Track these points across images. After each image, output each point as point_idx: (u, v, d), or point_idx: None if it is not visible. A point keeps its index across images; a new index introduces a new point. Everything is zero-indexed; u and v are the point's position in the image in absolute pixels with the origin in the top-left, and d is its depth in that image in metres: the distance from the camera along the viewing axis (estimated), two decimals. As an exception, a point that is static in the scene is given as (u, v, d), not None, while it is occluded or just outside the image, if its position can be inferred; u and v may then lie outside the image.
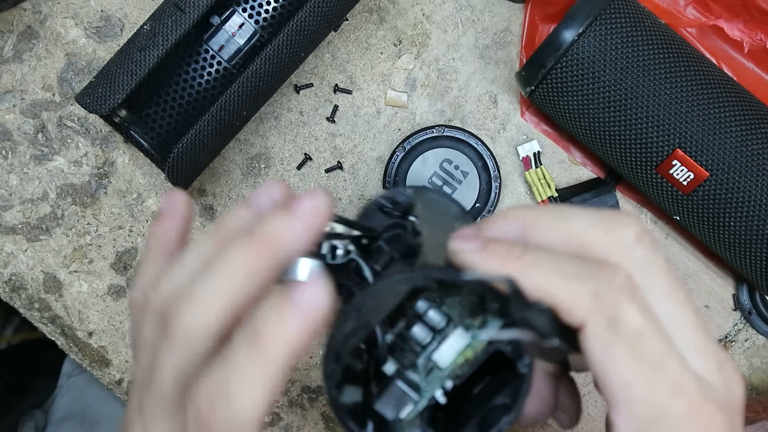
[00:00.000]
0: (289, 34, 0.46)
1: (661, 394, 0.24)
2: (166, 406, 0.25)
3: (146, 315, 0.26)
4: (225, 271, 0.25)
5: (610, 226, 0.26)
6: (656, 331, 0.24)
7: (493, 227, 0.28)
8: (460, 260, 0.26)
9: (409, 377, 0.31)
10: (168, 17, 0.45)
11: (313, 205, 0.26)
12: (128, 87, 0.44)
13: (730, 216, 0.47)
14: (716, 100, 0.47)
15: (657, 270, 0.26)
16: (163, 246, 0.30)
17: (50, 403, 0.86)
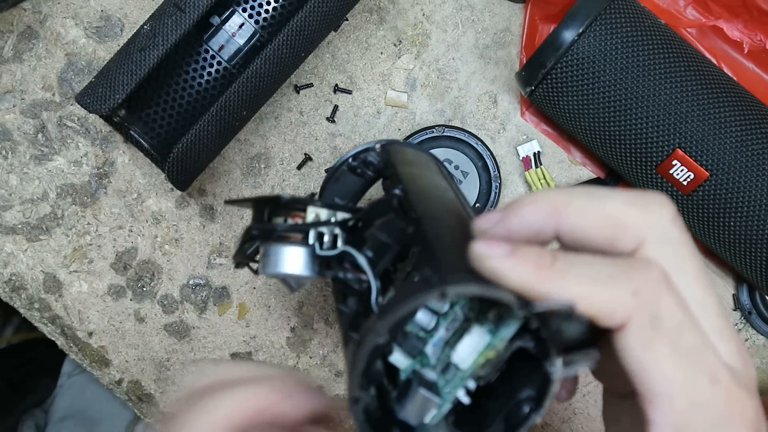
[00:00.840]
0: (289, 34, 0.46)
1: (701, 386, 0.24)
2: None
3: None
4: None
5: (646, 206, 0.25)
6: (693, 323, 0.24)
7: (521, 213, 0.26)
8: (487, 267, 0.25)
9: (426, 377, 0.30)
10: (168, 17, 0.45)
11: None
12: (128, 87, 0.44)
13: (730, 216, 0.47)
14: (716, 100, 0.47)
15: (689, 252, 0.26)
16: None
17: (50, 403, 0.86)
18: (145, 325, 0.56)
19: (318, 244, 0.34)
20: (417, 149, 0.45)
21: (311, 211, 0.34)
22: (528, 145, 0.55)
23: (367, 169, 0.43)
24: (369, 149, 0.43)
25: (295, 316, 0.56)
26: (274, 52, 0.46)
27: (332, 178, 0.44)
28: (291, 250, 0.34)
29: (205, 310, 0.56)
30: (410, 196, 0.35)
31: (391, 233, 0.34)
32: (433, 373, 0.31)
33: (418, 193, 0.36)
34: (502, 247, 0.25)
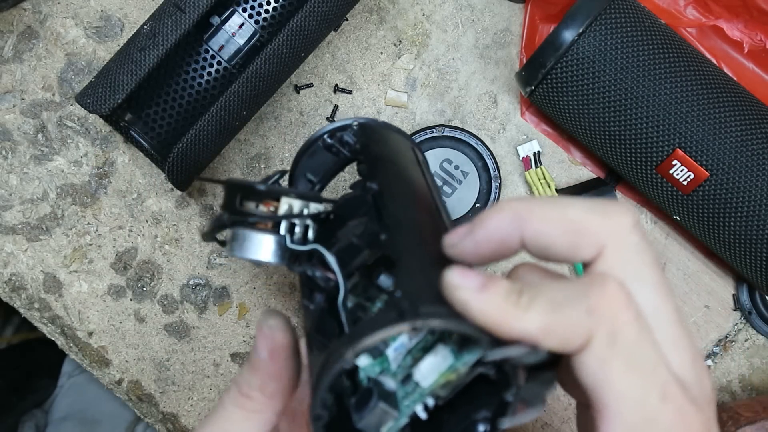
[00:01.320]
0: (289, 34, 0.46)
1: (651, 402, 0.24)
2: None
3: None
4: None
5: (607, 213, 0.26)
6: (649, 337, 0.24)
7: (486, 224, 0.27)
8: (456, 298, 0.26)
9: (385, 386, 0.30)
10: (168, 17, 0.45)
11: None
12: (128, 87, 0.44)
13: (730, 216, 0.47)
14: (716, 100, 0.47)
15: (649, 259, 0.26)
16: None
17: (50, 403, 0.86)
18: (145, 325, 0.56)
19: (289, 235, 0.34)
20: (395, 132, 0.44)
21: (284, 201, 0.34)
22: (528, 145, 0.55)
23: (343, 148, 0.43)
24: (346, 127, 0.42)
25: (295, 316, 0.56)
26: (274, 52, 0.46)
27: (307, 153, 0.43)
28: (261, 237, 0.34)
29: (205, 310, 0.56)
30: (385, 197, 0.35)
31: (364, 236, 0.33)
32: (392, 382, 0.30)
33: (394, 194, 0.36)
34: (474, 279, 0.25)
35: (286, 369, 0.33)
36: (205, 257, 0.55)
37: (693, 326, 0.56)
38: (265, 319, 0.33)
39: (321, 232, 0.35)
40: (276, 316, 0.33)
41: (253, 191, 0.34)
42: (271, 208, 0.34)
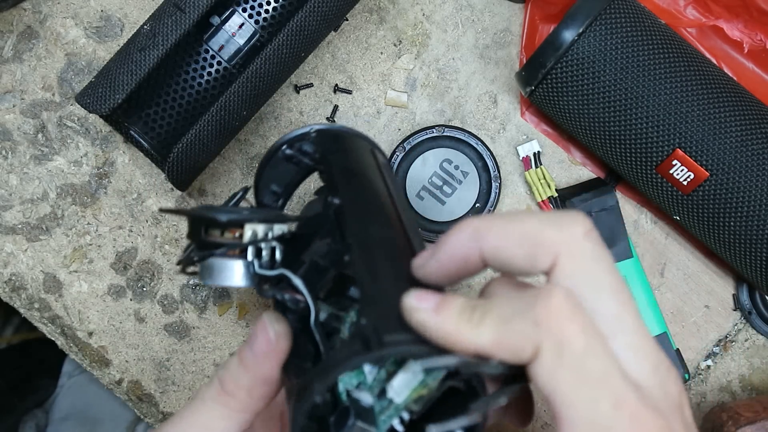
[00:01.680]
0: (289, 34, 0.46)
1: (603, 410, 0.24)
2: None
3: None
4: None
5: (560, 224, 0.27)
6: (599, 346, 0.25)
7: (448, 242, 0.28)
8: (415, 320, 0.27)
9: (362, 402, 0.31)
10: (168, 17, 0.45)
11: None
12: (128, 87, 0.44)
13: (730, 216, 0.47)
14: (716, 99, 0.47)
15: (605, 266, 0.26)
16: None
17: (51, 403, 0.86)
18: (145, 325, 0.56)
19: (256, 260, 0.34)
20: (354, 136, 0.44)
21: (248, 227, 0.34)
22: (528, 145, 0.55)
23: (304, 158, 0.43)
24: (304, 136, 0.42)
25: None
26: (274, 52, 0.46)
27: (267, 165, 0.43)
28: (230, 264, 0.34)
29: (205, 310, 0.56)
30: (347, 213, 0.35)
31: (328, 256, 0.34)
32: (368, 397, 0.31)
33: (356, 210, 0.36)
34: (430, 301, 0.27)
35: (277, 374, 0.33)
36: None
37: (693, 326, 0.56)
38: (270, 321, 0.33)
39: (287, 252, 0.36)
40: (280, 320, 0.33)
41: (215, 223, 0.34)
42: (236, 234, 0.34)
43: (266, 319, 0.33)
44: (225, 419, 0.33)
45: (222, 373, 0.33)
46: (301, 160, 0.43)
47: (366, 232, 0.35)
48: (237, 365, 0.33)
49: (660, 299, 0.55)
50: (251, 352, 0.33)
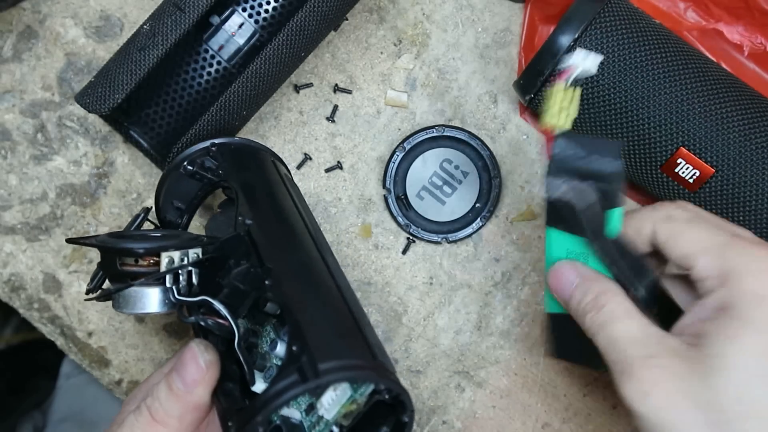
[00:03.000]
0: (289, 33, 0.46)
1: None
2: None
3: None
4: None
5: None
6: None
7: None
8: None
9: (292, 419, 0.33)
10: (168, 17, 0.44)
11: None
12: (128, 87, 0.44)
13: (738, 211, 0.47)
14: (717, 95, 0.47)
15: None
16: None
17: (49, 404, 0.85)
18: (145, 325, 0.56)
19: (174, 286, 0.35)
20: (254, 148, 0.45)
21: (164, 255, 0.35)
22: (584, 55, 0.42)
23: (207, 173, 0.43)
24: (204, 151, 0.43)
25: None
26: (274, 52, 0.46)
27: (167, 181, 0.43)
28: (147, 291, 0.35)
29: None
30: (261, 234, 0.36)
31: (248, 281, 0.35)
32: (297, 413, 0.33)
33: (268, 230, 0.37)
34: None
35: (208, 400, 0.33)
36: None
37: (693, 326, 0.56)
38: (200, 350, 0.33)
39: (203, 275, 0.36)
40: (209, 348, 0.34)
41: (132, 254, 0.34)
42: (151, 261, 0.35)
43: (195, 348, 0.33)
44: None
45: (151, 402, 0.33)
46: (204, 176, 0.43)
47: (283, 254, 0.36)
48: (167, 394, 0.33)
49: (660, 299, 0.55)
50: (182, 381, 0.33)
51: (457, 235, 0.54)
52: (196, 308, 0.35)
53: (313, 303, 0.34)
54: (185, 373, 0.33)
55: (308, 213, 0.43)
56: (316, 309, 0.34)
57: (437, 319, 0.55)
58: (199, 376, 0.32)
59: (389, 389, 0.32)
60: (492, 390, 0.55)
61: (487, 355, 0.55)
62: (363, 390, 0.33)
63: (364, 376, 0.31)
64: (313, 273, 0.36)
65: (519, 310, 0.55)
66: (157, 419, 0.33)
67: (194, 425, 0.34)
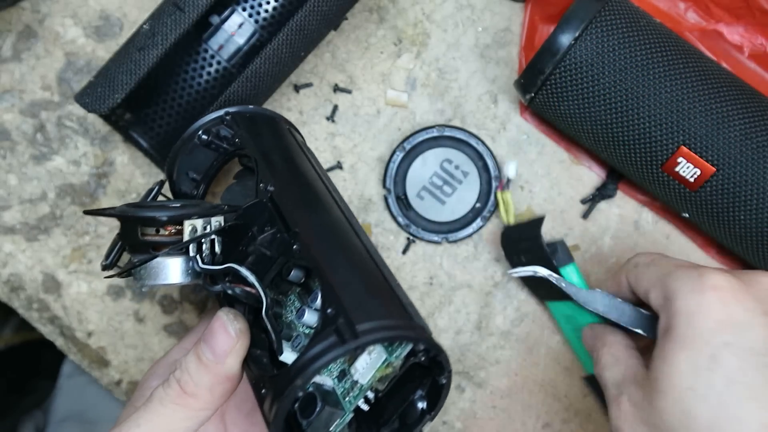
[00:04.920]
0: (288, 33, 0.46)
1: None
2: None
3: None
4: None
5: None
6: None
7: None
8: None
9: (324, 387, 0.32)
10: (167, 16, 0.44)
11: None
12: (127, 86, 0.44)
13: (740, 209, 0.47)
14: (717, 94, 0.46)
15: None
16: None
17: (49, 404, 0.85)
18: (145, 325, 0.56)
19: (198, 255, 0.34)
20: (269, 116, 0.43)
21: (188, 224, 0.33)
22: (506, 167, 0.53)
23: (222, 143, 0.42)
24: (219, 120, 0.41)
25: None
26: (273, 52, 0.46)
27: (181, 152, 0.42)
28: (170, 261, 0.33)
29: (205, 310, 0.56)
30: (284, 199, 0.35)
31: (274, 246, 0.34)
32: (329, 380, 0.32)
33: (291, 195, 0.36)
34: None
35: (239, 370, 0.33)
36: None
37: (694, 326, 0.56)
38: (229, 319, 0.32)
39: (226, 243, 0.35)
40: (238, 317, 0.33)
41: (155, 222, 0.33)
42: (172, 230, 0.34)
43: (224, 317, 0.32)
44: (186, 420, 0.32)
45: (180, 374, 0.32)
46: (220, 146, 0.42)
47: (308, 218, 0.35)
48: (196, 366, 0.32)
49: (661, 299, 0.55)
50: (211, 352, 0.32)
51: (457, 235, 0.54)
52: (221, 277, 0.34)
53: (344, 265, 0.33)
54: (215, 343, 0.32)
55: (327, 177, 0.42)
56: (347, 271, 0.33)
57: (437, 319, 0.55)
58: (229, 346, 0.32)
59: (426, 350, 0.31)
60: (492, 390, 0.55)
61: (487, 355, 0.55)
62: (398, 353, 0.32)
63: (404, 336, 0.30)
64: (340, 235, 0.35)
65: (519, 310, 0.55)
66: (188, 391, 0.32)
67: (225, 396, 0.33)
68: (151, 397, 0.33)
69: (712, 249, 0.55)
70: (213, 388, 0.32)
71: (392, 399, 0.33)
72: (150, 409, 0.32)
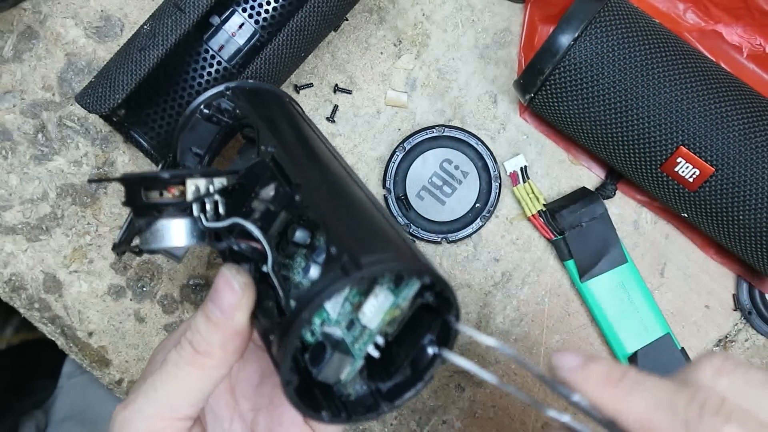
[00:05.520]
0: (289, 34, 0.46)
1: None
2: None
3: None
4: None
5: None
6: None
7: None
8: (559, 376, 0.28)
9: (334, 336, 0.32)
10: (168, 17, 0.45)
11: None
12: (128, 87, 0.44)
13: (739, 209, 0.47)
14: (716, 94, 0.47)
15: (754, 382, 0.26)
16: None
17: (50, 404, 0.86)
18: (145, 325, 0.56)
19: (202, 215, 0.34)
20: (269, 89, 0.44)
21: (190, 183, 0.34)
22: (514, 160, 0.54)
23: (223, 116, 0.42)
24: (220, 94, 0.42)
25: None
26: (274, 52, 0.46)
27: (185, 127, 0.43)
28: (175, 223, 0.33)
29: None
30: (285, 158, 0.35)
31: (277, 200, 0.34)
32: (338, 330, 0.32)
33: (292, 153, 0.36)
34: (573, 359, 0.28)
35: (247, 325, 0.33)
36: (205, 257, 0.55)
37: (693, 326, 0.56)
38: (232, 274, 0.32)
39: (230, 204, 0.35)
40: (241, 271, 0.33)
41: (158, 180, 0.33)
42: (175, 192, 0.34)
43: (227, 273, 0.32)
44: (202, 379, 0.32)
45: (191, 335, 0.32)
46: (221, 119, 0.42)
47: (309, 171, 0.35)
48: (206, 325, 0.32)
49: (660, 299, 0.55)
50: (218, 309, 0.32)
51: (457, 235, 0.54)
52: (226, 234, 0.34)
53: (347, 211, 0.33)
54: (221, 300, 0.32)
55: (327, 141, 0.42)
56: (351, 216, 0.33)
57: (437, 318, 0.55)
58: (235, 300, 0.32)
59: (432, 286, 0.31)
60: (492, 390, 0.55)
61: (487, 355, 0.55)
62: (406, 293, 0.32)
63: (408, 268, 0.30)
64: (341, 185, 0.35)
65: (519, 310, 0.55)
66: (200, 351, 0.32)
67: (238, 353, 0.33)
68: (166, 361, 0.33)
69: (711, 249, 0.55)
70: (225, 345, 0.32)
71: (402, 346, 0.33)
72: (165, 372, 0.33)
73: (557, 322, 0.56)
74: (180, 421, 0.33)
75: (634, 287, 0.53)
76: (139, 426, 0.32)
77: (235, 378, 0.39)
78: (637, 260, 0.55)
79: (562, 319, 0.56)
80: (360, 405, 0.33)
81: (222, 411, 0.38)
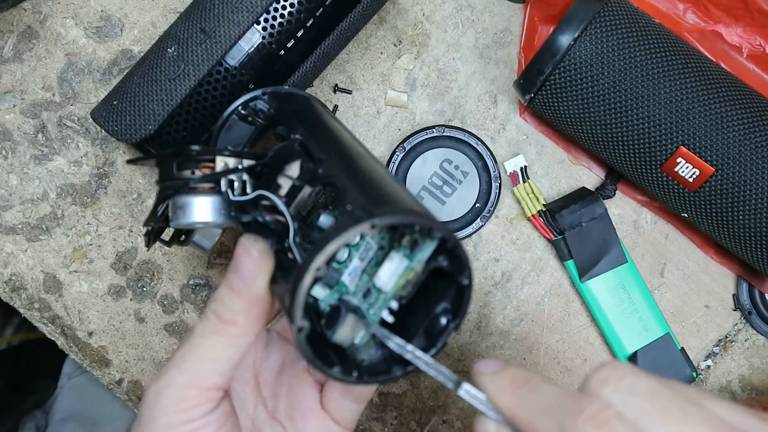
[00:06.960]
0: (315, 61, 0.48)
1: None
2: None
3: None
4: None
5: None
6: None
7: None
8: (474, 379, 0.30)
9: (351, 303, 0.33)
10: (197, 45, 0.45)
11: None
12: (160, 117, 0.45)
13: (738, 209, 0.47)
14: (716, 94, 0.47)
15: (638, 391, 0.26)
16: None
17: (51, 404, 0.86)
18: (145, 325, 0.56)
19: (230, 191, 0.36)
20: (301, 92, 0.46)
21: (220, 160, 0.35)
22: (514, 160, 0.54)
23: (258, 117, 0.44)
24: (256, 97, 0.44)
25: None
26: (300, 78, 0.48)
27: (223, 127, 0.45)
28: (203, 199, 0.35)
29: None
30: (310, 140, 0.37)
31: (301, 176, 0.36)
32: (355, 299, 0.33)
33: (317, 136, 0.38)
34: (492, 366, 0.30)
35: (267, 291, 0.34)
36: (205, 257, 0.55)
37: (693, 326, 0.56)
38: (250, 242, 0.34)
39: (257, 184, 0.37)
40: (258, 240, 0.34)
41: (188, 155, 0.35)
42: (206, 171, 0.35)
43: (245, 242, 0.34)
44: (229, 348, 0.34)
45: (216, 306, 0.34)
46: (256, 119, 0.44)
47: (331, 147, 0.37)
48: (228, 294, 0.34)
49: (660, 299, 0.55)
50: (239, 276, 0.33)
51: (457, 235, 0.54)
52: (252, 208, 0.36)
53: (365, 180, 0.34)
54: (241, 267, 0.33)
55: (354, 136, 0.45)
56: (367, 181, 0.34)
57: (437, 318, 0.55)
58: (254, 266, 0.33)
59: (444, 242, 0.32)
60: (492, 390, 0.55)
61: (486, 354, 0.55)
62: (420, 256, 0.33)
63: (419, 221, 0.31)
64: (362, 162, 0.37)
65: (519, 309, 0.55)
66: (225, 320, 0.33)
67: (261, 320, 0.34)
68: (193, 333, 0.34)
69: (711, 249, 0.55)
70: (248, 312, 0.33)
71: (417, 314, 0.34)
72: (193, 343, 0.34)
73: (557, 322, 0.56)
74: (210, 391, 0.34)
75: (634, 287, 0.53)
76: (170, 395, 0.33)
77: (259, 366, 0.40)
78: (637, 260, 0.55)
79: (562, 319, 0.56)
80: (373, 369, 0.34)
81: (247, 396, 0.39)
